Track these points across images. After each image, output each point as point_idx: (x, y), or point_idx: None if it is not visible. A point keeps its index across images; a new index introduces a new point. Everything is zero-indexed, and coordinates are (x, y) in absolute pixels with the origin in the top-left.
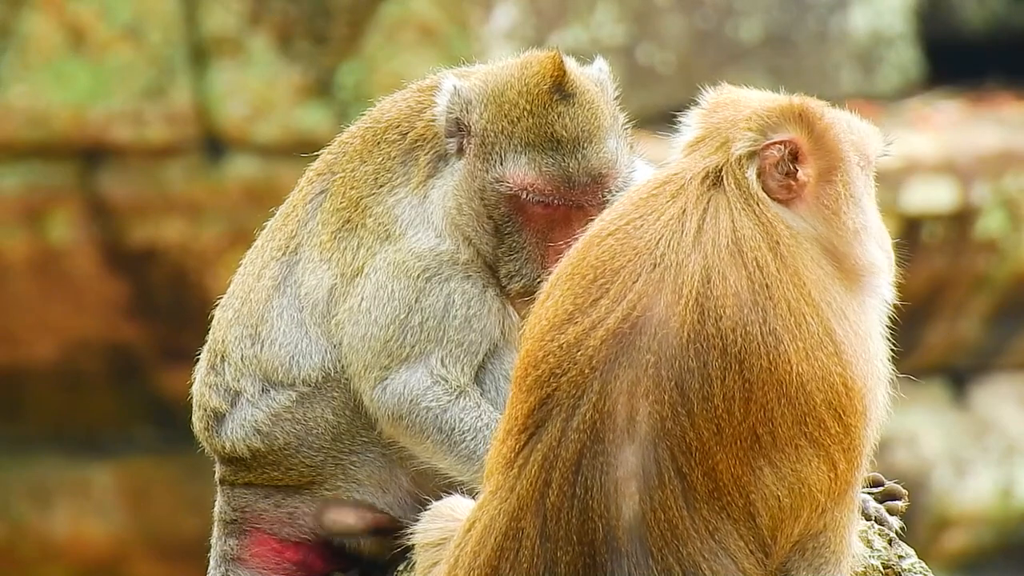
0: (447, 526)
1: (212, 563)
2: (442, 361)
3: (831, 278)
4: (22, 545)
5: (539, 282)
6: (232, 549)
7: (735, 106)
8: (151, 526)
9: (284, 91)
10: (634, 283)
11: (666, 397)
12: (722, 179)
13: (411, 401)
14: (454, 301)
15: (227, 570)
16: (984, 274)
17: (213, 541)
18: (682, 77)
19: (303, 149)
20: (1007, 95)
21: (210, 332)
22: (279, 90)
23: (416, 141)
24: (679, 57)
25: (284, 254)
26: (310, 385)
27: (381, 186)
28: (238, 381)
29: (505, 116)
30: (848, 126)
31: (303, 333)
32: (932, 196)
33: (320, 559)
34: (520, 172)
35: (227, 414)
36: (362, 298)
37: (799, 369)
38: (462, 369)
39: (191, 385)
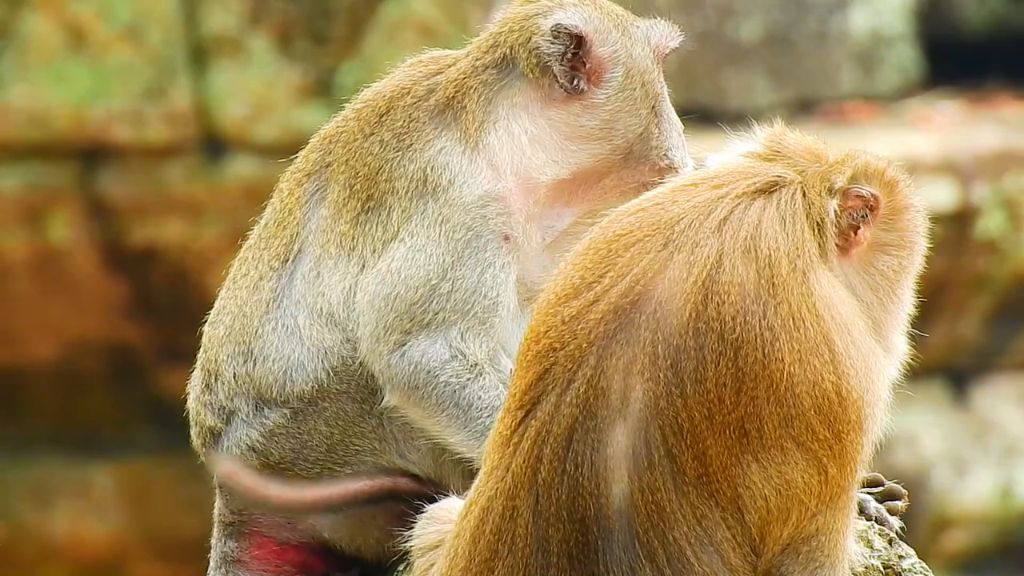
0: (443, 528)
1: (212, 564)
2: (462, 335)
3: (841, 300)
4: (22, 545)
5: (685, 152)
6: (232, 551)
7: (816, 145)
8: (151, 526)
9: (284, 91)
10: (641, 259)
11: (661, 376)
12: (778, 190)
13: (428, 372)
14: (486, 278)
15: (227, 571)
16: (984, 274)
17: (213, 542)
18: (682, 77)
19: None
20: (1007, 95)
21: (201, 350)
22: (279, 90)
23: (452, 96)
24: (679, 57)
25: (283, 263)
26: (303, 400)
27: (409, 146)
28: (232, 400)
29: (610, 8)
30: (923, 217)
31: (297, 340)
32: (932, 196)
33: (320, 561)
34: (663, 32)
35: (222, 433)
36: (393, 258)
37: (791, 370)
38: (480, 345)
39: (185, 400)
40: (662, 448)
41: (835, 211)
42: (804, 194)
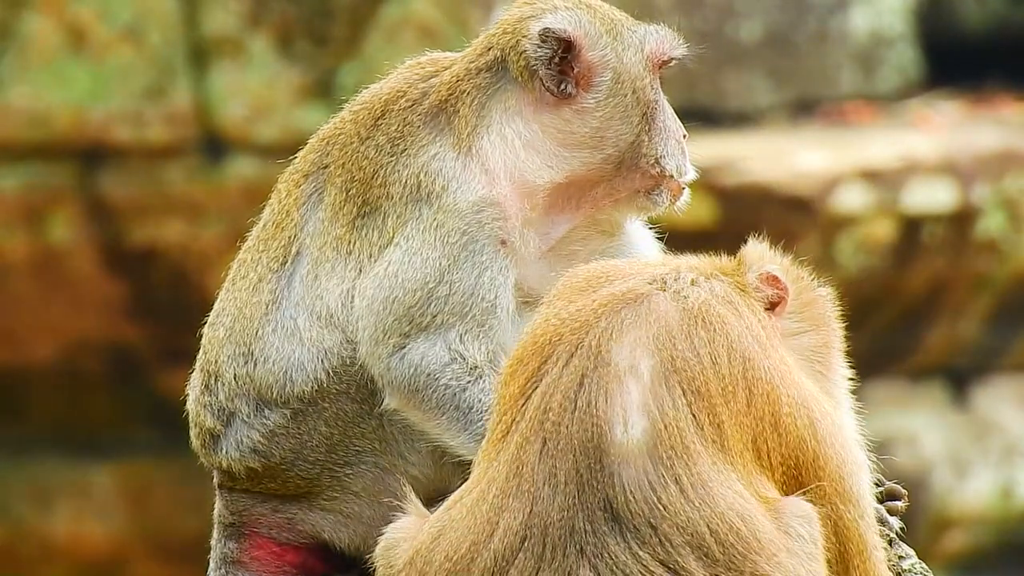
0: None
1: (212, 565)
2: (461, 337)
3: (800, 372)
4: (22, 546)
5: (684, 160)
6: (232, 552)
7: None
8: (151, 527)
9: (284, 91)
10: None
11: (676, 344)
12: (714, 274)
13: (428, 375)
14: (483, 280)
15: (227, 572)
16: (984, 274)
17: (213, 543)
18: (682, 77)
19: None
20: (1007, 95)
21: (201, 352)
22: (279, 90)
23: (445, 100)
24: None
25: (282, 265)
26: (303, 400)
27: (403, 151)
28: (232, 401)
29: (606, 13)
30: (832, 302)
31: (297, 341)
32: (932, 196)
33: (320, 561)
34: (661, 39)
35: (222, 435)
36: (389, 262)
37: (787, 410)
38: (479, 347)
39: (185, 400)
40: (681, 400)
41: (753, 279)
42: (737, 275)
